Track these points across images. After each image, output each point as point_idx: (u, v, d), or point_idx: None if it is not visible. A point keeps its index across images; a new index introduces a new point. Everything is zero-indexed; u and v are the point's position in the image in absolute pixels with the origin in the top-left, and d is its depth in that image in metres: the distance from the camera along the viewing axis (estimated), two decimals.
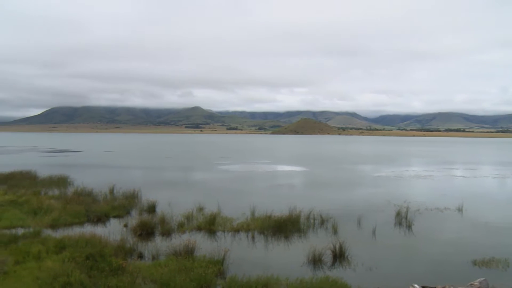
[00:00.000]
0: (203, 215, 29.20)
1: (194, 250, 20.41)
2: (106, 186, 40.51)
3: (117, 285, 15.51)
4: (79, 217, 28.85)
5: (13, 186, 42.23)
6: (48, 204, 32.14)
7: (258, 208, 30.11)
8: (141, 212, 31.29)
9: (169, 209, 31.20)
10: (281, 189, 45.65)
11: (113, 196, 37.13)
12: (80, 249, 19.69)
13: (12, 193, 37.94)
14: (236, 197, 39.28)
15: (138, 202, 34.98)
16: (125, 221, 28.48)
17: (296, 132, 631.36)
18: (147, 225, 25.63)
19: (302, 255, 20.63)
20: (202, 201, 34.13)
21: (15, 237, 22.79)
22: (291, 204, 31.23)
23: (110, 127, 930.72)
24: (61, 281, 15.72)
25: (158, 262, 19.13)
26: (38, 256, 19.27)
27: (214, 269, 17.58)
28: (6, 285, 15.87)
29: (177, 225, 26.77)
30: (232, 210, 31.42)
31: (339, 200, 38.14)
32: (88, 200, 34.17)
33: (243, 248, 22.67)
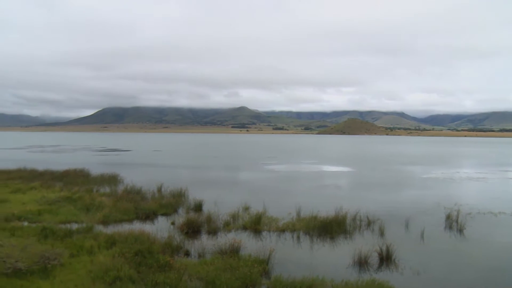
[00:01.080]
0: (249, 214, 29.39)
1: (239, 249, 20.61)
2: (155, 185, 41.52)
3: (164, 281, 15.89)
4: (129, 214, 29.79)
5: (68, 183, 44.27)
6: (99, 201, 33.45)
7: (304, 208, 30.01)
8: (188, 210, 31.86)
9: (215, 208, 31.57)
10: (327, 190, 45.23)
11: (161, 194, 37.99)
12: (129, 245, 20.36)
13: (67, 190, 39.76)
14: (282, 197, 39.25)
15: (185, 200, 35.61)
16: (172, 219, 29.11)
17: (342, 132, 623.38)
18: (194, 224, 26.09)
19: (347, 257, 20.39)
20: (248, 200, 34.36)
21: (70, 231, 23.85)
22: (337, 204, 30.92)
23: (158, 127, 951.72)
24: (112, 275, 16.34)
25: (204, 260, 19.43)
26: (90, 251, 20.12)
27: (259, 268, 17.68)
28: (63, 276, 16.67)
29: (223, 224, 27.08)
30: (277, 210, 31.42)
31: (386, 201, 37.37)
32: (137, 198, 35.18)
33: (288, 248, 22.64)
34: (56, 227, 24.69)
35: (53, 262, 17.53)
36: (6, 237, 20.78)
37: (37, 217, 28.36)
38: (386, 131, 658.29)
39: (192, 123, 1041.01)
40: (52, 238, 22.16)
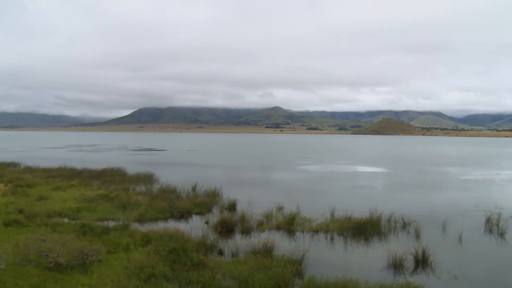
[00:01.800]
0: (283, 214, 29.37)
1: (273, 249, 20.64)
2: (189, 184, 42.05)
3: (198, 279, 16.09)
4: (164, 212, 30.29)
5: (105, 182, 45.43)
6: (135, 200, 34.17)
7: (338, 209, 29.76)
8: (222, 210, 32.11)
9: (249, 207, 31.71)
10: (362, 190, 44.70)
11: (196, 193, 38.44)
12: (164, 243, 20.73)
13: (105, 188, 40.81)
14: (316, 198, 39.06)
15: (219, 200, 35.91)
16: (206, 218, 29.39)
17: (377, 133, 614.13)
18: (227, 223, 26.29)
19: (382, 259, 20.10)
20: (282, 200, 34.33)
21: (107, 228, 24.51)
22: (372, 206, 30.54)
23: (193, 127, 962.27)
24: (147, 272, 16.69)
25: (238, 259, 19.56)
26: (126, 248, 20.62)
27: (292, 268, 17.68)
28: (100, 272, 17.15)
29: (257, 224, 27.16)
30: (311, 210, 31.28)
31: (422, 203, 36.60)
32: (172, 196, 35.73)
33: (322, 249, 22.52)
34: (94, 224, 25.42)
35: (91, 258, 18.08)
36: (48, 232, 21.51)
37: (76, 214, 29.27)
38: (422, 131, 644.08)
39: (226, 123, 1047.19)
40: (90, 234, 22.83)
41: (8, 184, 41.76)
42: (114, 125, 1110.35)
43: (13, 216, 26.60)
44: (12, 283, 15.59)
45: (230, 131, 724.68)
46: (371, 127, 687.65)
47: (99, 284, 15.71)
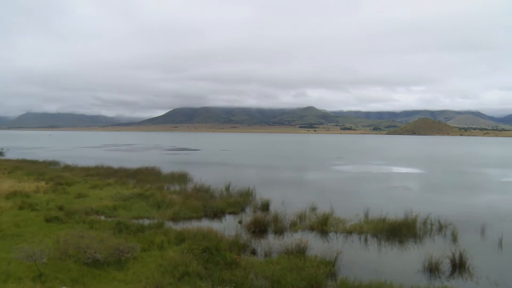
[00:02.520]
0: (316, 215, 29.22)
1: (306, 250, 20.57)
2: (223, 183, 42.38)
3: (231, 278, 16.20)
4: (197, 211, 30.63)
5: (141, 181, 46.34)
6: (170, 198, 34.70)
7: (372, 210, 29.42)
8: (255, 209, 32.20)
9: (282, 207, 31.71)
10: (396, 192, 43.94)
11: (229, 193, 38.71)
12: (197, 242, 20.97)
13: (140, 187, 41.63)
14: (349, 198, 38.68)
15: (253, 199, 36.03)
16: (239, 217, 29.55)
17: (413, 133, 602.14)
18: (260, 223, 26.35)
19: (417, 262, 19.71)
20: (315, 200, 34.15)
21: (142, 227, 25.00)
22: (407, 207, 30.02)
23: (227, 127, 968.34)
24: (180, 270, 16.93)
25: (270, 259, 19.59)
26: (161, 246, 20.98)
27: (325, 269, 17.57)
28: (135, 269, 17.53)
29: (290, 224, 27.11)
30: (345, 211, 31.01)
31: (459, 205, 35.69)
32: (206, 196, 36.10)
33: (355, 250, 22.29)
34: (129, 222, 25.96)
35: (127, 255, 18.49)
36: (85, 229, 22.12)
37: (112, 211, 29.99)
38: (460, 132, 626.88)
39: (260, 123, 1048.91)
40: (126, 232, 23.34)
41: (49, 182, 43.19)
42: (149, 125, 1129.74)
43: (54, 213, 27.52)
44: (53, 276, 16.16)
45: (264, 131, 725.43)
46: (407, 127, 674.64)
47: (134, 280, 16.05)
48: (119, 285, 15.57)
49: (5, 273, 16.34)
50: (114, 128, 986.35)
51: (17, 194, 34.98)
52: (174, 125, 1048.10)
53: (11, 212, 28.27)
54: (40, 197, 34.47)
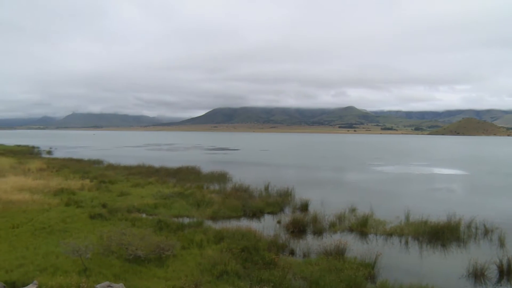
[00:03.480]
0: (355, 216, 28.91)
1: (345, 251, 20.39)
2: (262, 183, 42.51)
3: (269, 278, 16.24)
4: (236, 211, 30.88)
5: (181, 180, 47.15)
6: (209, 198, 35.12)
7: (413, 212, 28.79)
8: (294, 210, 32.16)
9: (321, 208, 31.52)
10: (439, 193, 42.82)
11: (268, 193, 38.80)
12: (236, 241, 21.15)
13: (180, 186, 42.36)
14: (390, 200, 38.00)
15: (292, 200, 35.97)
16: (278, 217, 29.57)
17: (456, 133, 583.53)
18: (299, 223, 26.30)
19: (460, 267, 19.14)
20: (355, 201, 33.77)
21: (182, 225, 25.44)
22: (450, 210, 29.18)
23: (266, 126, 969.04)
24: (219, 269, 17.13)
25: (309, 260, 19.53)
26: (200, 244, 21.27)
27: (364, 272, 17.36)
28: (175, 266, 17.87)
29: (329, 225, 26.94)
30: (385, 212, 30.51)
31: (507, 209, 34.39)
32: (245, 195, 36.32)
33: (395, 253, 21.90)
34: (169, 220, 26.49)
35: (167, 253, 18.86)
36: (127, 226, 22.72)
37: (153, 210, 30.65)
38: (507, 132, 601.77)
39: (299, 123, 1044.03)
40: (166, 230, 23.81)
41: (94, 180, 44.60)
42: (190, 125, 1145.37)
43: (98, 210, 28.43)
44: (97, 271, 16.73)
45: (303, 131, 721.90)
46: (450, 127, 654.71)
47: (174, 278, 16.33)
48: (159, 282, 15.89)
49: (53, 266, 17.15)
50: (156, 128, 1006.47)
51: (64, 191, 36.39)
52: (214, 125, 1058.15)
53: (59, 208, 29.43)
54: (85, 195, 35.64)
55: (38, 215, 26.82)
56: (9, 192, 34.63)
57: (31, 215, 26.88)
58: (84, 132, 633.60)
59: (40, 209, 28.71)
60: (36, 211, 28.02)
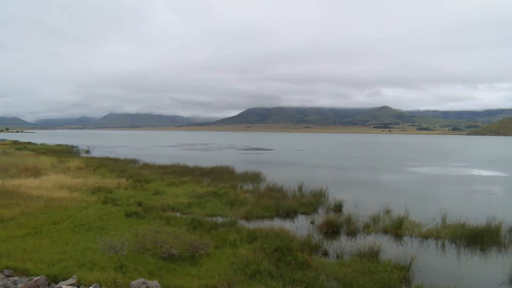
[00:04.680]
0: (390, 217, 28.49)
1: (379, 253, 20.11)
2: (295, 183, 42.40)
3: (302, 279, 16.21)
4: (270, 211, 30.92)
5: (215, 179, 47.57)
6: (243, 197, 35.31)
7: (450, 215, 28.09)
8: (328, 210, 31.96)
9: (355, 209, 31.19)
10: (478, 196, 41.61)
11: (302, 193, 38.68)
12: (269, 241, 21.19)
13: (214, 185, 42.75)
14: (426, 201, 37.21)
15: (325, 200, 35.75)
16: (312, 218, 29.44)
17: (496, 133, 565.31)
18: (333, 224, 26.11)
19: (501, 272, 18.54)
20: (389, 203, 33.26)
21: (216, 224, 25.69)
22: (489, 213, 28.34)
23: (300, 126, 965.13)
24: (252, 269, 17.21)
25: (342, 261, 19.38)
26: (233, 244, 21.43)
27: (399, 274, 17.07)
28: (208, 265, 18.07)
29: (363, 226, 26.64)
30: (420, 214, 29.91)
31: None
32: (279, 195, 36.32)
33: (431, 256, 21.42)
34: (203, 219, 26.78)
35: (201, 252, 19.09)
36: (162, 225, 23.12)
37: (187, 209, 31.06)
38: None
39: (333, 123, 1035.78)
40: (200, 229, 24.08)
41: (129, 179, 45.55)
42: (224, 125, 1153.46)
43: (133, 208, 29.03)
44: (132, 268, 17.14)
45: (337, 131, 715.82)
46: (490, 128, 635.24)
47: (207, 276, 16.51)
48: (192, 280, 16.09)
49: (91, 262, 17.70)
50: (190, 128, 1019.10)
51: (101, 190, 37.37)
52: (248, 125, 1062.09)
53: (96, 206, 30.24)
54: (121, 193, 36.46)
55: (77, 212, 27.66)
56: (51, 189, 35.89)
57: (70, 212, 27.75)
58: (120, 131, 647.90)
59: (79, 207, 29.61)
60: (75, 208, 28.90)
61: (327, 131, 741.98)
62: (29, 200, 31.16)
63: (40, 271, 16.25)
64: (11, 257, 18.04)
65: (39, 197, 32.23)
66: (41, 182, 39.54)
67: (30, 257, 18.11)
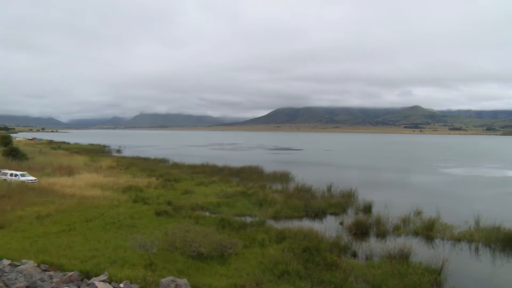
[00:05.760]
0: (421, 219, 28.00)
1: (409, 255, 19.79)
2: (324, 184, 42.15)
3: (330, 280, 16.11)
4: (298, 211, 30.85)
5: (244, 179, 47.78)
6: (272, 197, 35.33)
7: (484, 217, 27.33)
8: (357, 211, 31.67)
9: (385, 210, 30.78)
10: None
11: (331, 193, 38.45)
12: (298, 241, 21.15)
13: (243, 185, 42.94)
14: (458, 203, 36.40)
15: (355, 201, 35.43)
16: (341, 218, 29.23)
17: None
18: (362, 225, 25.86)
19: None
20: (420, 204, 32.67)
21: (244, 224, 25.80)
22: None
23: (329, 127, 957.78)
24: (280, 269, 17.20)
25: (371, 263, 19.16)
26: (262, 243, 21.46)
27: (430, 278, 16.74)
28: (237, 264, 18.17)
29: (393, 228, 26.30)
30: (452, 216, 29.26)
31: None
32: (307, 196, 36.21)
33: (464, 259, 20.93)
34: (232, 219, 26.94)
35: (229, 251, 19.19)
36: (191, 224, 23.34)
37: (216, 208, 31.29)
38: None
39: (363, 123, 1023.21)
40: (228, 228, 24.22)
41: (159, 178, 46.23)
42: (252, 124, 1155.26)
43: (163, 207, 29.45)
44: (162, 266, 17.40)
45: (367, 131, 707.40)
46: None
47: (236, 275, 16.58)
48: (221, 279, 16.20)
49: (122, 259, 18.06)
50: (219, 128, 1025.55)
51: (132, 189, 38.03)
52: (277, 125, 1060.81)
53: (127, 204, 30.81)
54: (151, 192, 37.03)
55: (108, 210, 28.23)
56: (84, 188, 36.80)
57: (102, 210, 28.35)
58: (150, 131, 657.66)
59: (110, 205, 30.22)
60: (107, 207, 29.52)
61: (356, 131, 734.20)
62: (63, 198, 32.11)
63: (73, 267, 16.70)
64: (47, 252, 18.65)
65: (73, 195, 33.16)
66: (75, 181, 40.60)
67: (64, 253, 18.64)
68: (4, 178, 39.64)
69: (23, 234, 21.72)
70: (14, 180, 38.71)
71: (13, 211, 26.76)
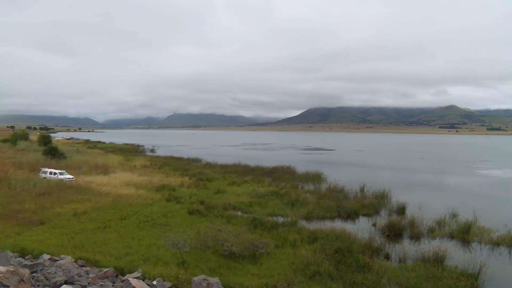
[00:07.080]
0: (457, 222, 27.37)
1: (444, 259, 19.34)
2: (357, 184, 41.72)
3: (362, 282, 15.94)
4: (331, 212, 30.64)
5: (276, 179, 47.79)
6: (304, 198, 35.21)
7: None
8: (390, 213, 31.19)
9: (419, 212, 30.22)
10: None
11: (364, 194, 38.02)
12: (330, 242, 21.00)
13: (275, 185, 42.96)
14: (497, 206, 35.34)
15: (388, 202, 34.91)
16: (373, 220, 28.86)
17: None
18: (395, 227, 25.45)
19: None
20: (456, 206, 31.91)
21: (276, 224, 25.80)
22: None
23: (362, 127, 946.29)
24: (312, 269, 17.13)
25: (405, 265, 18.84)
26: (293, 244, 21.43)
27: (466, 282, 16.31)
28: (268, 264, 18.20)
29: (427, 230, 25.79)
30: (491, 220, 28.42)
31: None
32: (340, 196, 35.91)
33: (503, 264, 20.30)
34: (264, 218, 26.97)
35: (261, 251, 19.24)
36: (223, 223, 23.55)
37: (248, 208, 31.40)
38: None
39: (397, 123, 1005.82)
40: (260, 228, 24.28)
41: (192, 178, 46.76)
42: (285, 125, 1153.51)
43: (196, 206, 29.78)
44: (194, 265, 17.62)
45: (401, 132, 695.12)
46: None
47: (267, 275, 16.61)
48: (252, 279, 16.26)
49: (155, 257, 18.39)
50: (251, 128, 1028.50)
51: (165, 188, 38.63)
52: (309, 125, 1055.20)
53: (160, 203, 31.30)
54: (184, 191, 37.49)
55: (142, 209, 28.76)
56: (118, 186, 37.64)
57: (136, 208, 28.91)
58: (183, 131, 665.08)
59: (144, 203, 30.77)
60: (141, 205, 30.07)
61: (390, 131, 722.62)
62: (99, 196, 32.98)
63: (108, 263, 17.11)
64: (84, 248, 19.21)
65: (108, 193, 33.99)
66: (110, 179, 41.58)
67: (99, 249, 19.15)
68: (44, 176, 41.12)
69: (61, 231, 22.46)
70: (53, 178, 40.10)
71: (52, 208, 27.74)
